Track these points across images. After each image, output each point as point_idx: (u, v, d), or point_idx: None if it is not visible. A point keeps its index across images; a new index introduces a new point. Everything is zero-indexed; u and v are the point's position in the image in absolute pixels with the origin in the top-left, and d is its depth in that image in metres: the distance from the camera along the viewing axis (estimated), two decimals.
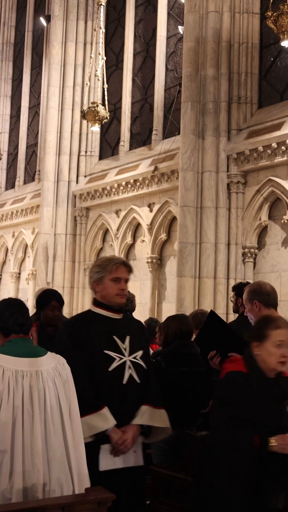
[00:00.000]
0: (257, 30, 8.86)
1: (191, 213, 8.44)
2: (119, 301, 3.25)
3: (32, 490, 2.58)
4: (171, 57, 10.81)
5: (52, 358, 2.83)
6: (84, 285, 11.61)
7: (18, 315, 2.83)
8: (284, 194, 7.93)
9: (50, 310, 4.47)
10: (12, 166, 15.29)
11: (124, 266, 3.30)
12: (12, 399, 2.61)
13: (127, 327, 3.29)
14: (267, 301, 3.68)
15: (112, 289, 3.23)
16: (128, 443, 3.03)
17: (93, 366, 3.08)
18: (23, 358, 2.71)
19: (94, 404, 2.98)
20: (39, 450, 2.60)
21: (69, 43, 12.14)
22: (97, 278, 3.28)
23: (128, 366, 3.13)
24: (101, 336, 3.15)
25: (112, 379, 3.08)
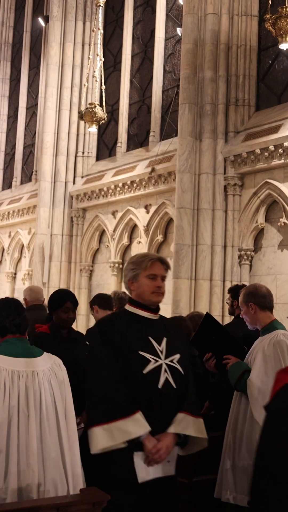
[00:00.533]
0: (256, 33, 8.87)
1: (188, 215, 8.44)
2: (155, 299, 3.09)
3: (26, 490, 2.58)
4: (169, 59, 10.81)
5: (48, 359, 2.83)
6: (80, 285, 11.60)
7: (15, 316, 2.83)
8: (281, 196, 7.94)
9: (64, 312, 4.27)
10: (9, 166, 15.27)
11: (161, 263, 3.12)
12: (8, 399, 2.61)
13: (164, 328, 3.11)
14: (262, 303, 3.69)
15: (148, 287, 3.06)
16: (162, 452, 2.80)
17: (126, 368, 2.88)
18: (19, 359, 2.71)
19: (127, 407, 2.78)
20: (34, 451, 2.60)
21: (67, 43, 12.14)
22: (132, 276, 3.09)
23: (164, 370, 2.93)
24: (136, 337, 2.97)
25: (146, 383, 2.88)
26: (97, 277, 11.49)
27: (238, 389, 3.60)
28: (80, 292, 11.57)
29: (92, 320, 11.14)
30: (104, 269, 11.28)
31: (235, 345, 3.78)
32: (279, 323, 3.73)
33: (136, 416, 2.77)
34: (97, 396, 2.83)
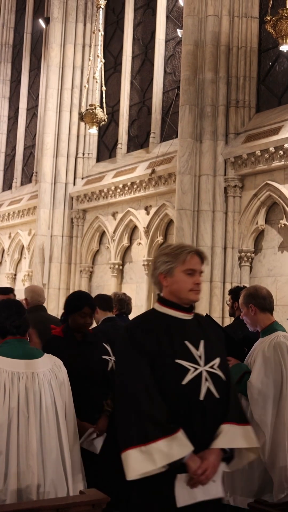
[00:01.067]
0: (256, 34, 8.88)
1: (188, 216, 8.44)
2: (193, 298, 2.69)
3: (26, 492, 2.58)
4: (170, 60, 10.82)
5: (49, 360, 2.83)
6: (80, 287, 11.59)
7: (15, 317, 2.83)
8: (281, 198, 7.94)
9: (81, 317, 4.00)
10: (10, 167, 15.28)
11: (199, 256, 2.72)
12: (7, 401, 2.61)
13: (200, 328, 2.72)
14: (262, 305, 3.69)
15: (185, 283, 2.66)
16: (209, 472, 2.47)
17: (162, 379, 2.53)
18: (19, 360, 2.71)
19: (167, 425, 2.43)
20: (34, 452, 2.60)
21: (68, 45, 12.15)
22: (166, 270, 2.68)
23: (204, 378, 2.57)
24: (171, 342, 2.60)
25: (186, 395, 2.53)
26: (97, 278, 11.48)
27: (238, 390, 3.59)
28: None
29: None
30: (104, 270, 11.28)
31: (235, 347, 3.78)
32: (279, 325, 3.73)
33: (178, 435, 2.43)
34: (131, 413, 2.46)
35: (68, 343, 3.96)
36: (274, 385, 3.47)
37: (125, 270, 10.80)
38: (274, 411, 3.45)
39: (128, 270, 10.73)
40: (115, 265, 10.79)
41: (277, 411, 3.45)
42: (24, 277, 13.26)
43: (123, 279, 10.81)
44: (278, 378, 3.47)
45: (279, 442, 3.41)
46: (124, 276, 10.81)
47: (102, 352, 4.12)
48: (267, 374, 3.47)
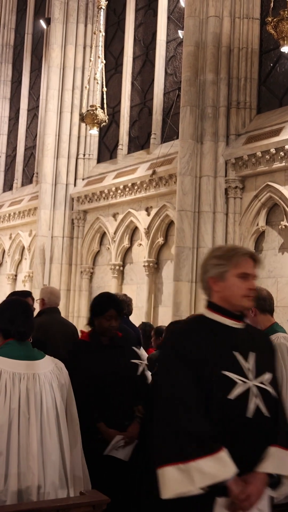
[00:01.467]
0: (257, 36, 8.88)
1: (189, 217, 8.44)
2: (246, 304, 2.50)
3: (26, 493, 2.58)
4: (171, 61, 10.82)
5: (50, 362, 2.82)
6: (80, 287, 11.59)
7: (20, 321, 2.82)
8: (282, 199, 7.93)
9: (106, 320, 3.83)
10: (10, 168, 15.28)
11: (253, 259, 2.54)
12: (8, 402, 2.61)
13: (251, 339, 2.50)
14: (263, 306, 3.69)
15: (239, 289, 2.46)
16: (253, 498, 2.23)
17: (206, 392, 2.31)
18: (21, 361, 2.71)
19: (209, 443, 2.20)
20: (34, 453, 2.60)
21: (68, 46, 12.15)
22: (218, 274, 2.47)
23: (253, 394, 2.35)
24: (218, 352, 2.38)
25: (232, 411, 2.31)
26: (98, 279, 11.48)
27: None
28: (80, 294, 11.57)
29: None
30: (104, 271, 11.28)
31: None
32: (280, 326, 3.73)
33: (221, 455, 2.20)
34: (170, 427, 2.25)
35: (94, 347, 3.81)
36: None
37: (126, 271, 10.80)
38: None
39: (129, 271, 10.73)
40: (115, 266, 10.79)
41: None
42: (25, 278, 13.26)
43: (123, 280, 10.81)
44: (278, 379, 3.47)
45: None
46: (125, 277, 10.81)
47: (131, 356, 3.96)
48: None
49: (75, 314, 11.50)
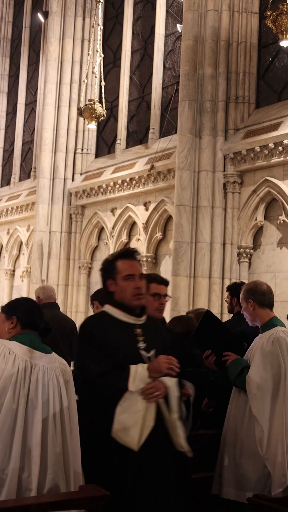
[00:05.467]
0: (256, 30, 8.85)
1: (187, 212, 8.43)
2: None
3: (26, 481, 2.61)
4: (169, 56, 10.79)
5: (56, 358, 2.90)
6: (78, 283, 11.58)
7: (40, 315, 2.92)
8: (280, 194, 7.92)
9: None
10: (8, 163, 15.24)
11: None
12: (19, 388, 2.65)
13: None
14: (262, 300, 3.69)
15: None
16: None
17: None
18: (35, 351, 2.77)
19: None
20: (38, 443, 2.64)
21: (66, 39, 12.10)
22: None
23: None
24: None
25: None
26: (96, 275, 11.46)
27: (237, 385, 3.60)
28: (78, 289, 11.56)
29: None
30: None
31: (235, 342, 3.78)
32: (279, 320, 3.73)
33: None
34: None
35: None
36: (273, 380, 3.48)
37: None
38: (273, 405, 3.46)
39: None
40: None
41: (276, 406, 3.46)
42: (23, 273, 13.24)
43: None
44: (277, 373, 3.48)
45: (278, 437, 3.41)
46: None
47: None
48: (266, 369, 3.48)
49: (73, 309, 11.49)
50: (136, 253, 3.16)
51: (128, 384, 2.86)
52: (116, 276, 3.06)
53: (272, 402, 3.46)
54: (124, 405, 2.84)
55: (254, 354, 3.57)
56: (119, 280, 3.06)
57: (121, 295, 3.05)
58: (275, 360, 3.48)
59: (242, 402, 3.57)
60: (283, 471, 3.37)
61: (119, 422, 2.82)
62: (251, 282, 3.94)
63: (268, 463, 3.42)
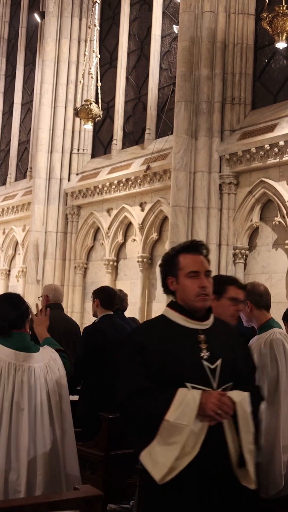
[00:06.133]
0: (252, 31, 8.86)
1: (183, 213, 8.43)
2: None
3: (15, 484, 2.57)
4: (166, 56, 10.79)
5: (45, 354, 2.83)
6: (74, 283, 11.57)
7: (11, 311, 2.83)
8: (276, 195, 7.94)
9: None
10: (4, 163, 15.22)
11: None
12: (2, 391, 2.61)
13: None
14: (258, 302, 3.68)
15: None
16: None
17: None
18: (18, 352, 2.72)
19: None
20: (25, 444, 2.60)
21: (63, 40, 12.09)
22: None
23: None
24: None
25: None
26: (92, 275, 11.46)
27: None
28: (74, 289, 11.54)
29: (87, 318, 11.14)
30: (98, 266, 11.26)
31: None
32: (276, 322, 3.73)
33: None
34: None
35: None
36: (270, 381, 3.47)
37: (120, 267, 10.79)
38: (270, 407, 3.45)
39: (123, 267, 10.72)
40: (109, 261, 10.77)
41: (272, 408, 3.45)
42: (18, 273, 13.23)
43: (117, 275, 10.80)
44: (274, 374, 3.48)
45: (274, 439, 3.41)
46: (119, 273, 10.80)
47: None
48: (263, 370, 3.47)
49: (69, 310, 11.48)
50: (202, 247, 2.70)
51: (167, 412, 2.35)
52: (178, 272, 2.60)
53: (269, 405, 3.45)
54: (157, 437, 2.36)
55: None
56: (181, 278, 2.59)
57: (183, 295, 2.59)
58: (272, 362, 3.48)
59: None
60: (279, 472, 3.37)
61: (148, 453, 2.38)
62: (249, 283, 3.93)
63: (263, 465, 3.42)
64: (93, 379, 4.87)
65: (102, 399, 4.78)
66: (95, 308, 5.12)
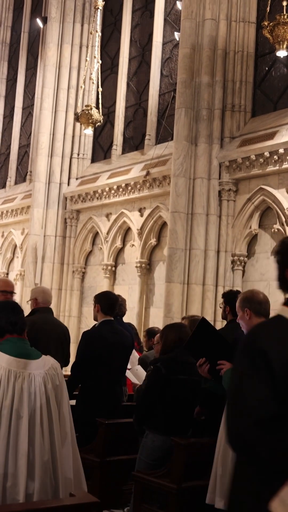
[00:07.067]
0: (253, 39, 8.90)
1: (182, 219, 8.45)
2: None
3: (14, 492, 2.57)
4: (167, 63, 10.83)
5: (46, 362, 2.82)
6: (72, 287, 11.57)
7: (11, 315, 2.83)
8: (275, 203, 7.96)
9: None
10: (4, 166, 15.24)
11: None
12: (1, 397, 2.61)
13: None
14: (258, 310, 3.69)
15: None
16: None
17: None
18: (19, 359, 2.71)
19: None
20: (24, 452, 2.59)
21: (65, 45, 12.13)
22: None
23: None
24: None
25: None
26: (90, 279, 11.47)
27: None
28: (72, 294, 11.55)
29: (85, 322, 11.14)
30: (96, 271, 11.27)
31: (229, 351, 3.78)
32: None
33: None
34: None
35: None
36: None
37: (118, 272, 10.80)
38: None
39: (121, 272, 10.73)
40: (107, 266, 10.78)
41: None
42: (16, 276, 13.22)
43: (115, 280, 10.81)
44: None
45: None
46: (117, 278, 10.80)
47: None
48: None
49: (66, 314, 11.48)
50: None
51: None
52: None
53: None
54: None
55: None
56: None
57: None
58: None
59: None
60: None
61: (282, 501, 1.59)
62: (248, 291, 3.94)
63: None
64: (91, 384, 4.87)
65: (99, 405, 4.79)
66: (95, 313, 5.12)
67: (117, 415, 4.84)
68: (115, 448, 4.43)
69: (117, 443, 4.59)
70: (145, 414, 4.16)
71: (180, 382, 4.10)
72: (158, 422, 4.09)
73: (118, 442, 4.61)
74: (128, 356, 5.27)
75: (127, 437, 4.60)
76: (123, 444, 4.65)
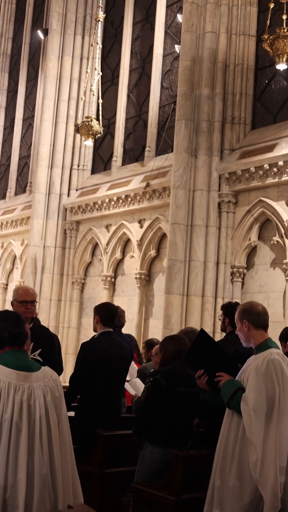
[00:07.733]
0: (253, 52, 8.96)
1: (181, 230, 8.46)
2: None
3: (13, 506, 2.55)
4: (167, 75, 10.89)
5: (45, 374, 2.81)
6: (71, 298, 11.56)
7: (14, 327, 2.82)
8: (274, 215, 7.97)
9: None
10: (4, 177, 15.27)
11: None
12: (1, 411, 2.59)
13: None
14: (256, 322, 3.67)
15: None
16: None
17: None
18: (18, 371, 2.69)
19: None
20: (23, 465, 2.57)
21: (65, 57, 12.20)
22: None
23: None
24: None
25: None
26: (89, 290, 11.46)
27: (231, 407, 3.56)
28: (71, 305, 11.53)
29: (84, 333, 11.11)
30: (96, 282, 11.26)
31: (228, 363, 3.77)
32: (273, 342, 3.72)
33: None
34: None
35: None
36: (267, 402, 3.45)
37: (117, 283, 10.79)
38: (267, 428, 3.43)
39: (120, 283, 10.72)
40: (107, 277, 10.77)
41: (270, 428, 3.43)
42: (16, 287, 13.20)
43: (115, 291, 10.80)
44: (271, 395, 3.46)
45: (271, 460, 3.38)
46: (116, 289, 10.79)
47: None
48: (261, 391, 3.45)
49: (65, 325, 11.46)
50: None
51: None
52: None
53: (266, 425, 3.43)
54: None
55: (249, 376, 3.54)
56: None
57: None
58: (269, 383, 3.46)
59: (235, 424, 3.54)
60: (276, 494, 3.34)
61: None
62: (247, 303, 3.93)
63: (261, 486, 3.39)
64: (89, 396, 4.85)
65: (98, 416, 4.76)
66: (95, 324, 5.11)
67: (116, 427, 4.82)
68: (114, 459, 4.41)
69: (116, 455, 4.56)
70: (144, 426, 4.14)
71: (180, 394, 4.09)
72: (157, 434, 4.07)
73: (117, 453, 4.59)
74: (127, 367, 5.25)
75: (126, 449, 4.58)
76: (122, 456, 4.63)
